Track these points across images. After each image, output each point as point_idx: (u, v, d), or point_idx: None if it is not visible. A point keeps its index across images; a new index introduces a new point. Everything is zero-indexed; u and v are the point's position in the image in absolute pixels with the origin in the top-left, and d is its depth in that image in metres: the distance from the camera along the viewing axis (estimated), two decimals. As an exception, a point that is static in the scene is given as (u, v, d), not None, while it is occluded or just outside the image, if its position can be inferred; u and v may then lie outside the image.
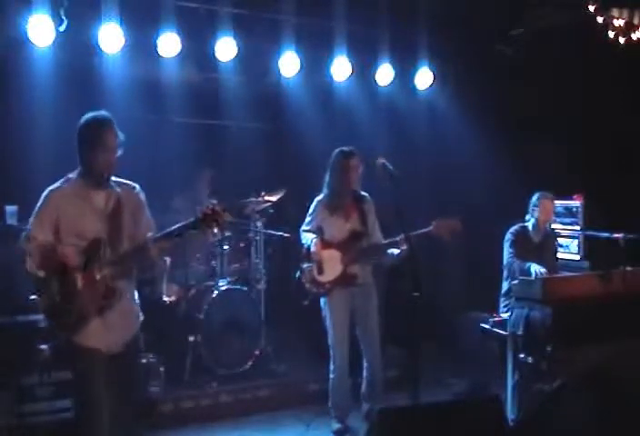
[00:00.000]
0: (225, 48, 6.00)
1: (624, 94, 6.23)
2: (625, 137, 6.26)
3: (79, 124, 3.55)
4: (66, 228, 3.49)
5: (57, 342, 3.75)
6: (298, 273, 5.19)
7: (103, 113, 3.58)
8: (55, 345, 4.65)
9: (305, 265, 5.09)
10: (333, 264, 5.00)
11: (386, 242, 4.92)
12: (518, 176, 6.51)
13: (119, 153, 3.54)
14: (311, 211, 5.16)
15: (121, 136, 3.55)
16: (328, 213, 5.07)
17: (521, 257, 5.42)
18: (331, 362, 5.12)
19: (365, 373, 5.16)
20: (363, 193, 5.11)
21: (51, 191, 3.55)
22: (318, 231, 5.08)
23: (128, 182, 3.72)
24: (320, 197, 5.13)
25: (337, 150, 5.05)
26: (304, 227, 5.18)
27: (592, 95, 6.42)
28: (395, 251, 4.88)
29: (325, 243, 5.03)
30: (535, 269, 5.16)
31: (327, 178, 5.08)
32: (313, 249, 4.99)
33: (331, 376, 5.13)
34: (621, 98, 6.23)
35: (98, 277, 3.46)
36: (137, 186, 3.75)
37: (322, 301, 5.09)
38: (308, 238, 5.07)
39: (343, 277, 5.01)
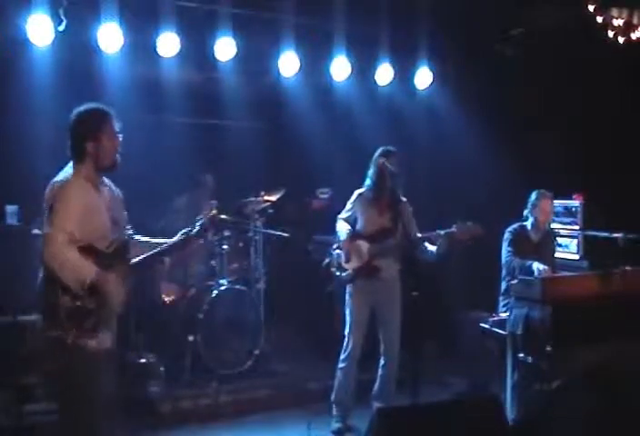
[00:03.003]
0: (225, 48, 6.00)
1: (624, 94, 6.23)
2: (624, 137, 6.26)
3: (74, 117, 3.45)
4: (86, 223, 3.34)
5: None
6: (327, 260, 5.37)
7: (91, 104, 3.51)
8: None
9: (335, 252, 5.27)
10: (359, 254, 5.15)
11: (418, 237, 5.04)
12: (518, 176, 6.51)
13: (121, 138, 3.50)
14: (352, 200, 5.28)
15: (119, 122, 3.51)
16: (365, 206, 5.21)
17: (520, 256, 5.41)
18: (342, 352, 5.15)
19: (380, 371, 5.20)
20: (402, 197, 5.15)
21: (67, 182, 3.37)
22: (353, 222, 5.24)
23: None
24: (361, 190, 5.26)
25: (381, 148, 5.15)
26: (341, 215, 5.31)
27: (592, 95, 6.42)
28: (432, 247, 4.99)
29: (357, 235, 5.18)
30: (537, 266, 5.16)
31: (369, 173, 5.21)
32: (343, 238, 5.15)
33: (339, 365, 5.16)
34: (621, 98, 6.23)
35: (125, 279, 3.44)
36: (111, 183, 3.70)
37: (347, 288, 5.20)
38: (343, 229, 5.20)
39: (366, 267, 5.12)
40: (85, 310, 3.30)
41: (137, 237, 3.79)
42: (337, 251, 5.26)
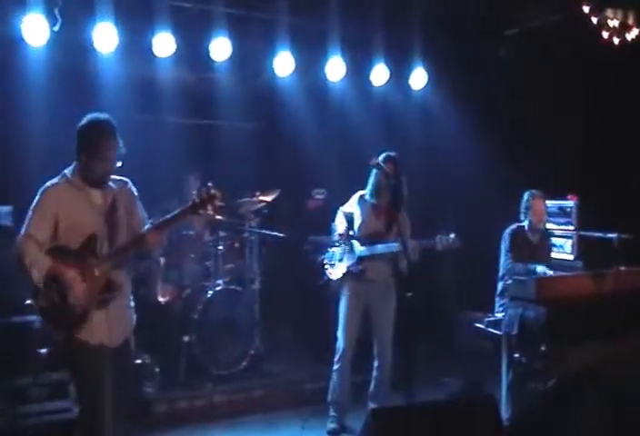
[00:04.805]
0: (220, 48, 6.00)
1: (619, 94, 6.24)
2: (618, 137, 6.27)
3: (81, 125, 3.56)
4: (66, 223, 3.51)
5: (55, 345, 3.78)
6: (322, 256, 5.42)
7: (105, 116, 3.58)
8: (52, 348, 4.68)
9: (331, 250, 5.34)
10: (351, 255, 5.18)
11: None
12: (512, 176, 6.52)
13: (119, 164, 3.58)
14: (354, 200, 5.32)
15: (122, 148, 3.58)
16: (364, 209, 5.27)
17: (518, 258, 5.41)
18: (335, 354, 5.17)
19: (374, 373, 5.23)
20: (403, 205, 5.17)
21: (49, 186, 3.56)
22: (350, 221, 5.30)
23: (120, 177, 3.76)
24: (363, 192, 5.31)
25: (383, 154, 5.13)
26: (343, 208, 5.38)
27: (587, 95, 6.43)
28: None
29: (352, 235, 5.24)
30: (542, 270, 5.17)
31: (370, 177, 5.24)
32: (336, 237, 5.25)
33: (334, 367, 5.18)
34: (615, 98, 6.25)
35: (97, 272, 3.51)
36: (129, 181, 3.81)
37: (340, 289, 5.25)
38: (340, 224, 5.29)
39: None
40: (55, 306, 3.45)
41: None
42: (333, 249, 5.31)
